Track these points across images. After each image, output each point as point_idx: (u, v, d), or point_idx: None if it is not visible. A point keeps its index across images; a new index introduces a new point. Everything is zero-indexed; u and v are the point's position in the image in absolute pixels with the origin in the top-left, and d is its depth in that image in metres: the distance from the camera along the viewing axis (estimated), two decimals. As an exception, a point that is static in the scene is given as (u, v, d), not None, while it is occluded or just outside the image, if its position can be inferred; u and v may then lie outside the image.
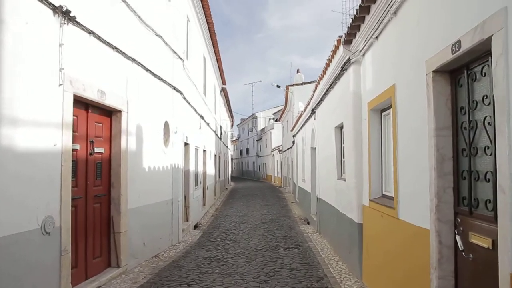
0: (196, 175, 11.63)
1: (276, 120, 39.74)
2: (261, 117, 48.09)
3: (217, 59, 16.50)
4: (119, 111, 5.52)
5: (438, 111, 2.76)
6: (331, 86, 6.77)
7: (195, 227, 10.84)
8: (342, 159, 6.44)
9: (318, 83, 7.96)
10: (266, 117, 45.80)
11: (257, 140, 47.20)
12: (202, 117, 12.21)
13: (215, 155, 17.85)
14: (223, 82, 20.94)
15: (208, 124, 14.06)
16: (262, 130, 44.91)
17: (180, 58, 8.52)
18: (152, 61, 6.75)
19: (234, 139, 60.36)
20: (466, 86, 2.56)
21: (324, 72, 7.16)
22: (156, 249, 6.94)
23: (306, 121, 11.34)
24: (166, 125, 7.67)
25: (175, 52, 8.11)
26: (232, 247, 7.53)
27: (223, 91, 22.27)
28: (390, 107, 4.19)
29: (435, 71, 2.76)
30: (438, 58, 2.68)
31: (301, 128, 13.24)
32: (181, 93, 8.50)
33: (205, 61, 14.02)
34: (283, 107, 26.56)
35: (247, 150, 53.35)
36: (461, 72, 2.61)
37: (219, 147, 20.16)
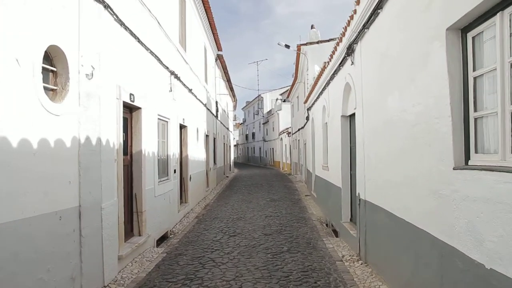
0: (165, 161, 7.72)
1: (283, 101, 35.68)
2: (268, 98, 44.06)
3: (205, 9, 12.40)
4: None
5: None
6: None
7: (162, 240, 7.00)
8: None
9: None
10: (273, 99, 41.76)
11: (263, 124, 43.21)
12: (176, 76, 8.23)
13: (207, 136, 13.93)
14: (218, 47, 16.84)
15: (190, 90, 10.09)
16: (269, 112, 40.89)
17: None
18: None
19: (239, 122, 56.47)
20: None
21: None
22: (21, 325, 3.09)
23: (333, 76, 7.28)
24: (58, 54, 3.72)
25: None
26: (198, 308, 3.66)
27: (220, 59, 18.19)
28: None
29: None
30: None
31: (321, 93, 9.19)
32: (107, 6, 4.50)
33: None
34: (290, 86, 22.32)
35: (253, 134, 49.39)
36: None
37: (214, 126, 16.22)
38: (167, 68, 7.55)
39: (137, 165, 5.96)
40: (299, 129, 18.68)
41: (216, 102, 17.42)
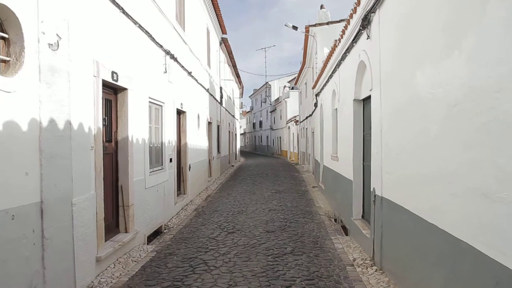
0: (159, 149, 7.07)
1: (291, 88, 34.82)
2: (276, 86, 43.18)
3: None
4: None
5: None
6: None
7: (155, 235, 6.43)
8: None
9: None
10: (281, 86, 40.91)
11: (270, 112, 42.41)
12: (172, 56, 7.52)
13: (209, 123, 13.25)
14: (223, 30, 16.03)
15: (190, 73, 9.38)
16: (276, 100, 40.06)
17: None
18: None
19: (246, 110, 55.73)
20: None
21: None
22: None
23: (344, 56, 6.50)
24: (8, 17, 3.04)
25: None
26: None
27: (224, 43, 17.38)
28: None
29: None
30: None
31: (330, 76, 8.41)
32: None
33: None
34: (298, 72, 21.36)
35: (260, 123, 48.63)
36: None
37: (217, 113, 15.53)
38: (161, 46, 6.84)
39: (123, 153, 5.31)
40: (307, 117, 17.91)
41: (221, 88, 16.69)
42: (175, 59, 7.85)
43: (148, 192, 6.18)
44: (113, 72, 4.73)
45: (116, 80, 4.84)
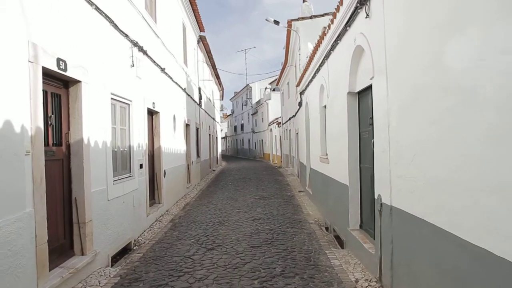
0: (126, 154, 6.15)
1: (273, 90, 34.23)
2: (257, 88, 42.54)
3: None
4: None
5: None
6: None
7: (123, 253, 5.52)
8: None
9: None
10: (262, 88, 40.31)
11: (252, 114, 41.69)
12: (141, 49, 6.63)
13: (187, 125, 12.34)
14: (200, 28, 15.16)
15: (163, 69, 8.48)
16: (258, 102, 39.39)
17: None
18: None
19: (227, 113, 54.87)
20: None
21: None
22: None
23: (335, 43, 5.76)
24: None
25: None
26: None
27: (202, 41, 16.52)
28: None
29: None
30: None
31: (317, 70, 7.68)
32: None
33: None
34: (280, 72, 20.67)
35: (242, 126, 47.81)
36: None
37: (196, 115, 14.62)
38: (126, 36, 5.95)
39: (77, 159, 4.38)
40: (290, 118, 17.22)
41: (199, 89, 15.79)
42: (145, 52, 6.96)
43: (112, 204, 5.26)
44: (59, 60, 3.83)
45: (65, 70, 3.94)
